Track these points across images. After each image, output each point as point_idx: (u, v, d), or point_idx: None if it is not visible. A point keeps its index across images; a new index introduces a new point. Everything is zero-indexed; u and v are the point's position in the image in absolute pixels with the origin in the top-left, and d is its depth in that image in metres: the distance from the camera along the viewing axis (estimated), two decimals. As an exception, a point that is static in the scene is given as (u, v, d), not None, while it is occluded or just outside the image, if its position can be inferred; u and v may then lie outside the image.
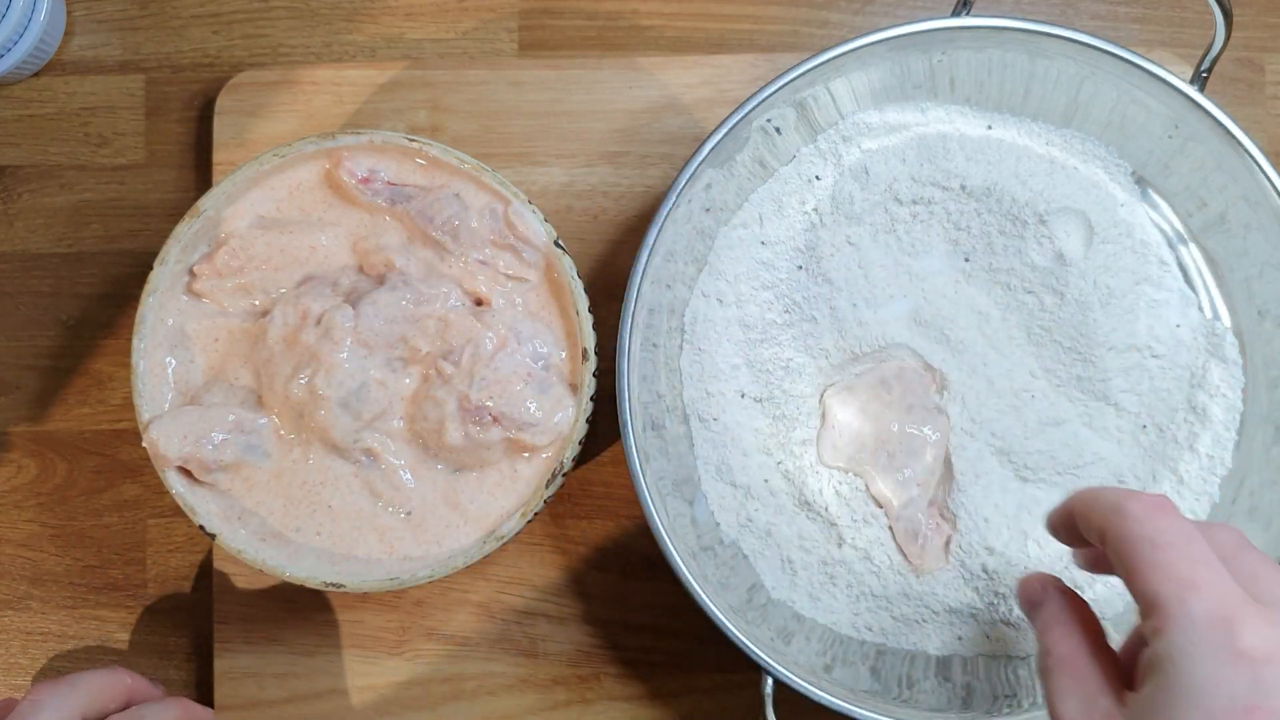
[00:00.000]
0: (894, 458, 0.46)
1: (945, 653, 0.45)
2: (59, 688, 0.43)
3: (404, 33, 0.53)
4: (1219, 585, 0.28)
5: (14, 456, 0.52)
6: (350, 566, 0.45)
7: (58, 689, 0.42)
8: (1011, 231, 0.46)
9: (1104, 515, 0.31)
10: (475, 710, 0.50)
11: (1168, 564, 0.29)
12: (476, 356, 0.44)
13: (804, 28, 0.53)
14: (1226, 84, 0.52)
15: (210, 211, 0.44)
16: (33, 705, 0.42)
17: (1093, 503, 0.32)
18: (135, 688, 0.46)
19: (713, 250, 0.46)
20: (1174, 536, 0.29)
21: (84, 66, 0.53)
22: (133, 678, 0.46)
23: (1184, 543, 0.29)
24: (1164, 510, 0.30)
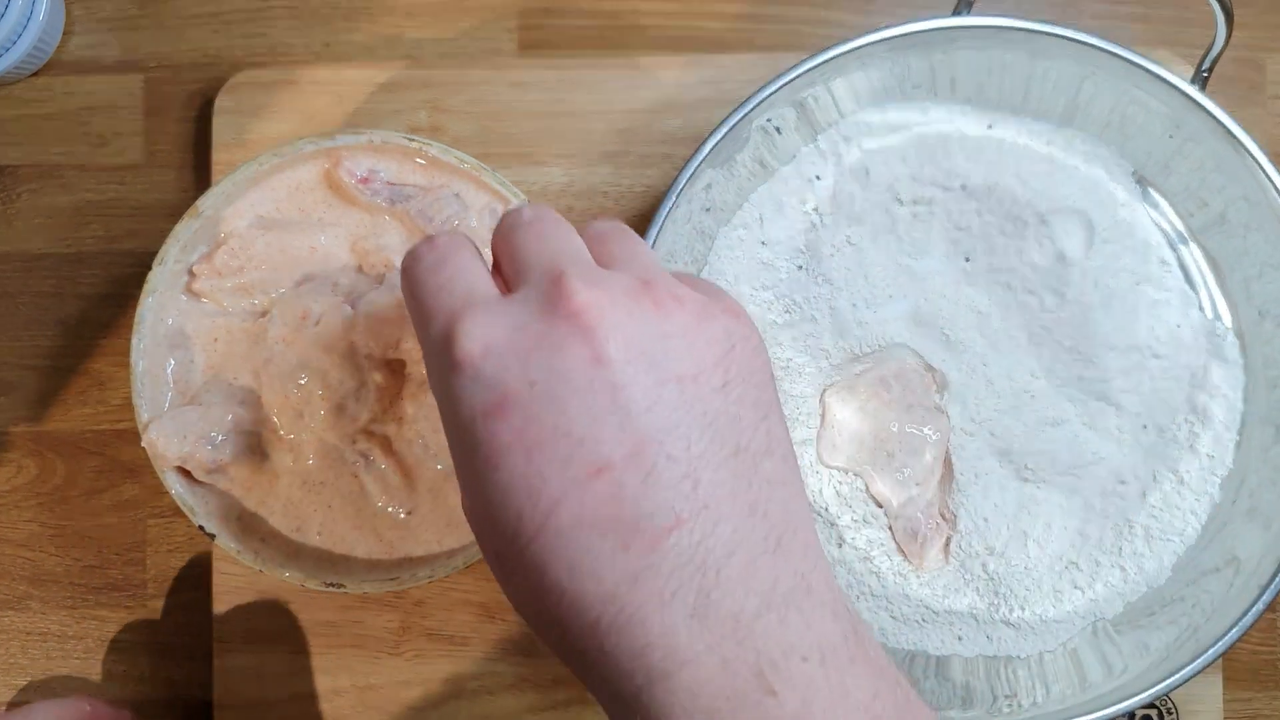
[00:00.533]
0: (894, 457, 0.46)
1: (945, 652, 0.45)
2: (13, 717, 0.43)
3: (404, 32, 0.53)
4: (450, 303, 0.27)
5: (14, 456, 0.52)
6: (350, 567, 0.45)
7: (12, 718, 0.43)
8: (1012, 231, 0.46)
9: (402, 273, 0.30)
10: (475, 710, 0.50)
11: (418, 302, 0.28)
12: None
13: (804, 27, 0.53)
14: (1227, 84, 0.52)
15: (210, 211, 0.44)
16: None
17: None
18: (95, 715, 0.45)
19: (713, 250, 0.46)
20: (426, 272, 0.28)
21: (83, 66, 0.53)
22: (92, 704, 0.46)
23: (432, 274, 0.28)
24: (426, 249, 0.29)
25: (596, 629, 0.25)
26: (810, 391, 0.46)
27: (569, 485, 0.25)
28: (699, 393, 0.26)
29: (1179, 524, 0.45)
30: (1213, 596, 0.43)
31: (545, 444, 0.25)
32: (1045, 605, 0.45)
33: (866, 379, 0.46)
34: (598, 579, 0.25)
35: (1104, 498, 0.46)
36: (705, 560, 0.25)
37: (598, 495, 0.25)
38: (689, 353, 0.26)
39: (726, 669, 0.24)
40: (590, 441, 0.25)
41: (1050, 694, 0.44)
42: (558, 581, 0.25)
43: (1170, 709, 0.49)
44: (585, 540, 0.25)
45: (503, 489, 0.25)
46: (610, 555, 0.25)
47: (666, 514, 0.25)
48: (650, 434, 0.25)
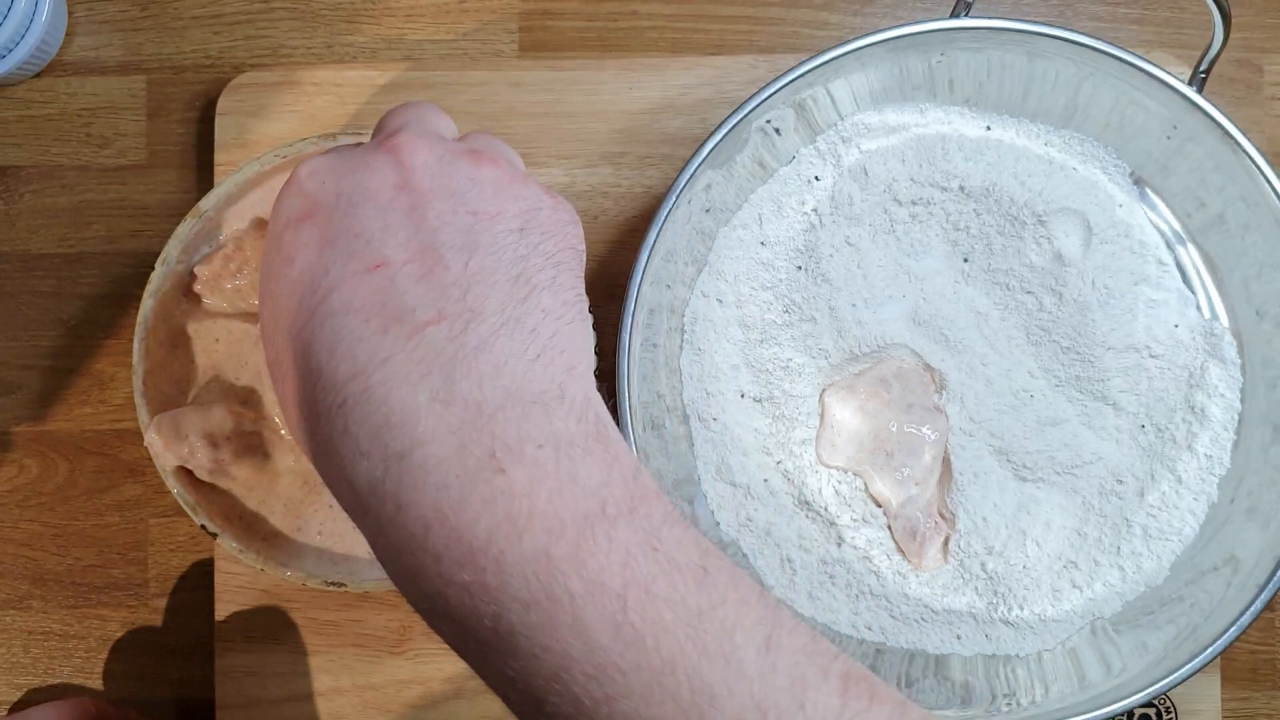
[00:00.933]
0: (893, 457, 0.46)
1: (944, 652, 0.45)
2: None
3: (404, 34, 0.53)
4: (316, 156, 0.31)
5: (15, 456, 0.52)
6: (351, 566, 0.45)
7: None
8: (1010, 232, 0.46)
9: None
10: (476, 709, 0.50)
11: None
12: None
13: (803, 29, 0.53)
14: (1225, 85, 0.52)
15: (211, 212, 0.44)
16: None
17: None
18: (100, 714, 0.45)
19: (712, 251, 0.46)
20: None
21: (85, 67, 0.53)
22: (96, 705, 0.46)
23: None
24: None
25: (343, 409, 0.26)
26: (809, 391, 0.46)
27: (346, 275, 0.28)
28: (493, 228, 0.29)
29: (1177, 523, 0.45)
30: (1211, 596, 0.43)
31: (336, 241, 0.28)
32: (1044, 604, 0.45)
33: (866, 379, 0.46)
34: (352, 358, 0.27)
35: (1102, 497, 0.46)
36: (456, 353, 0.27)
37: (370, 286, 0.27)
38: (494, 198, 0.29)
39: (462, 450, 0.26)
40: (376, 243, 0.28)
41: (1049, 693, 0.44)
42: (318, 363, 0.27)
43: (1169, 708, 0.49)
44: (348, 323, 0.27)
45: (292, 281, 0.28)
46: (368, 338, 0.27)
47: (429, 310, 0.27)
48: (433, 246, 0.28)
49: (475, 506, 0.25)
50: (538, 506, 0.25)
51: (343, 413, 0.26)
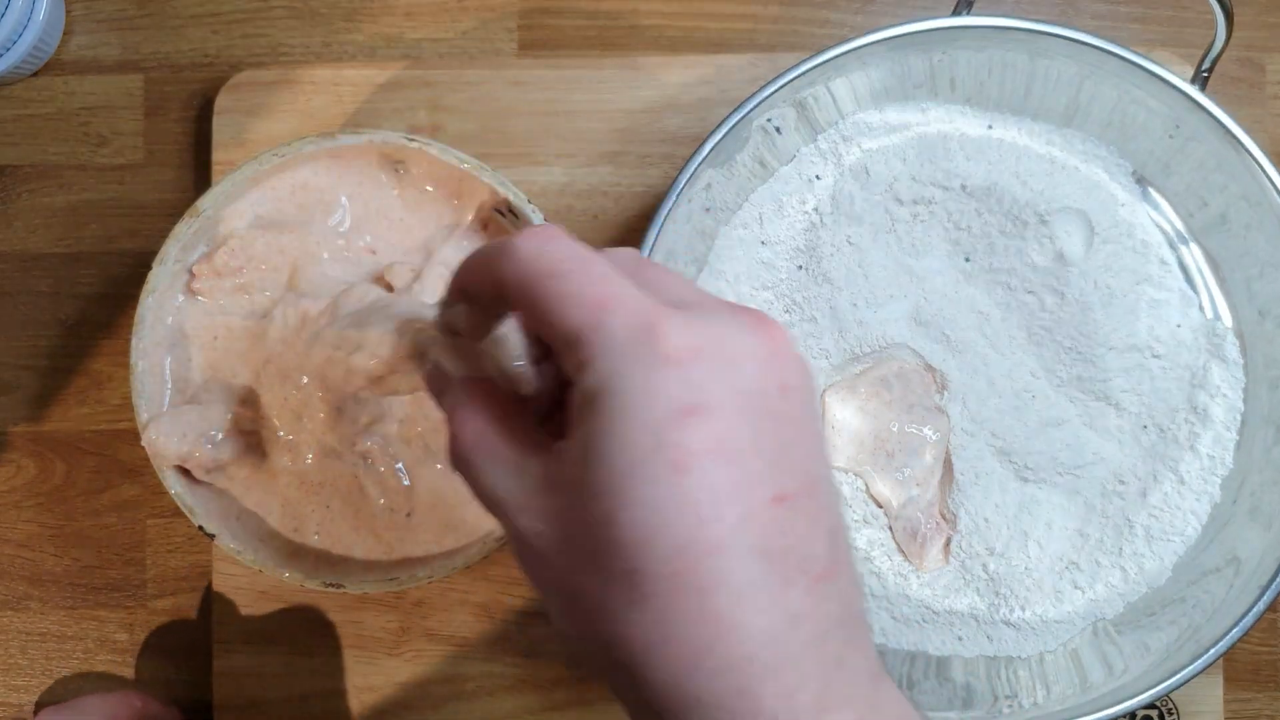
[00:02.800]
0: (894, 457, 0.46)
1: (945, 653, 0.45)
2: (62, 714, 0.42)
3: (403, 32, 0.53)
4: (632, 298, 0.25)
5: (13, 457, 0.52)
6: (349, 567, 0.45)
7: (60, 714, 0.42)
8: (1012, 231, 0.46)
9: (494, 265, 0.27)
10: (475, 711, 0.50)
11: (574, 291, 0.26)
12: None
13: (804, 27, 0.53)
14: (1227, 84, 0.52)
15: (209, 211, 0.44)
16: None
17: (479, 258, 0.28)
18: (146, 710, 0.45)
19: (713, 250, 0.46)
20: (573, 262, 0.26)
21: (83, 66, 0.53)
22: (143, 700, 0.45)
23: (585, 265, 0.26)
24: (553, 238, 0.27)
25: (749, 665, 0.24)
26: (810, 391, 0.46)
27: (756, 507, 0.24)
28: (811, 438, 0.26)
29: (1179, 524, 0.45)
30: (1213, 596, 0.43)
31: (743, 458, 0.24)
32: (1046, 605, 0.45)
33: (867, 379, 0.46)
34: (762, 612, 0.24)
35: (1104, 498, 0.46)
36: (843, 614, 0.25)
37: (774, 523, 0.24)
38: (804, 401, 0.26)
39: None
40: (779, 467, 0.24)
41: (1051, 694, 0.44)
42: (717, 608, 0.23)
43: (1171, 709, 0.49)
44: (758, 569, 0.24)
45: (682, 497, 0.24)
46: (779, 590, 0.24)
47: (821, 559, 0.24)
48: (817, 474, 0.25)
49: None
50: None
51: (745, 671, 0.24)
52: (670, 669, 0.24)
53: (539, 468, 0.26)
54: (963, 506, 0.45)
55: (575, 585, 0.25)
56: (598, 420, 0.25)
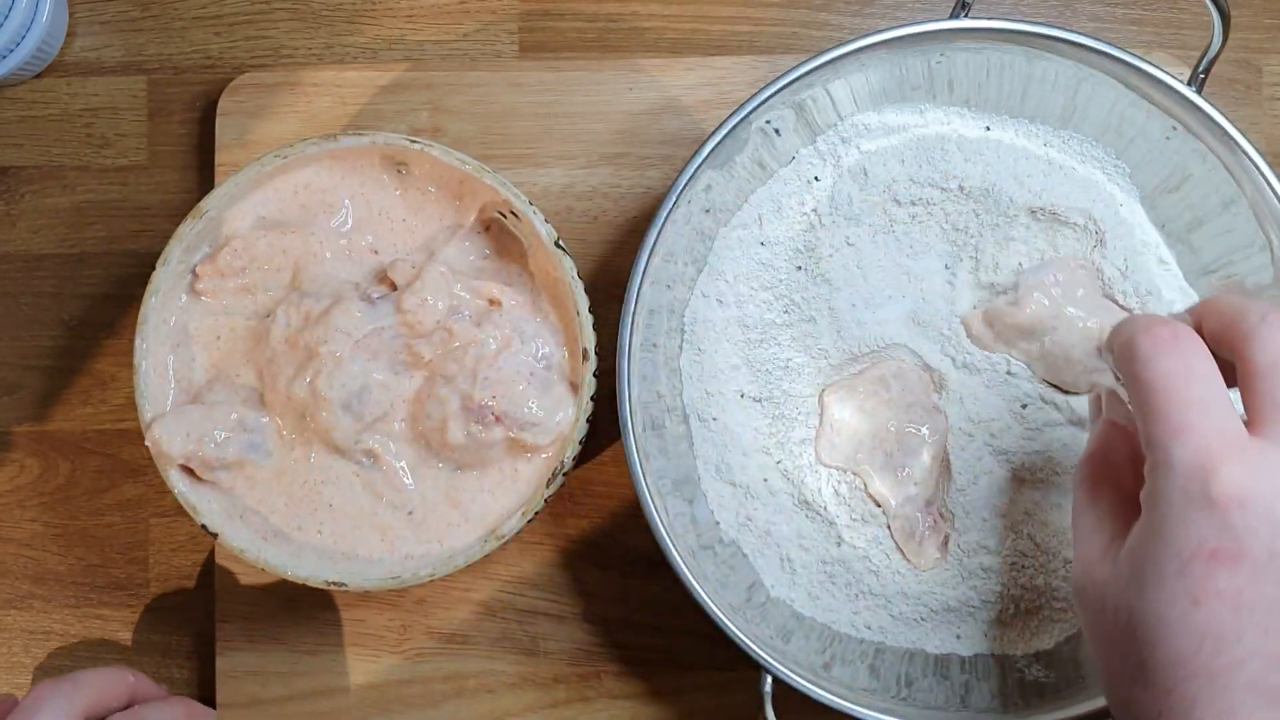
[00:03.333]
0: (892, 457, 0.46)
1: (943, 651, 0.45)
2: (61, 686, 0.43)
3: (405, 35, 0.53)
4: (1206, 430, 0.28)
5: (17, 456, 0.53)
6: (352, 565, 0.45)
7: (60, 687, 0.43)
8: (1010, 232, 0.46)
9: (1120, 354, 0.31)
10: (476, 708, 0.50)
11: (1162, 409, 0.29)
12: (480, 356, 0.44)
13: (803, 30, 0.53)
14: (1224, 85, 0.52)
15: (212, 212, 0.45)
16: (34, 702, 0.42)
17: (1114, 339, 0.32)
18: (138, 686, 0.46)
19: (712, 251, 0.46)
20: (1173, 379, 0.29)
21: (86, 68, 0.53)
22: (135, 676, 0.46)
23: (1182, 385, 0.29)
24: (1169, 349, 0.30)
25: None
26: (809, 391, 0.47)
27: (1260, 650, 0.27)
28: None
29: (1176, 523, 0.45)
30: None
31: (1259, 610, 0.27)
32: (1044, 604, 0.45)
33: (865, 379, 0.47)
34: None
35: (1101, 497, 0.46)
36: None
37: (1274, 669, 0.27)
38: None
39: None
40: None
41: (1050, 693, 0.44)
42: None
43: (1168, 707, 0.49)
44: (1248, 702, 0.27)
45: (1189, 625, 0.27)
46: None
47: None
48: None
49: None
50: None
51: None
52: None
53: (1111, 529, 0.31)
54: (960, 505, 0.45)
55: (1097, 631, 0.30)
56: (1144, 532, 0.29)
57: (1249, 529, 0.27)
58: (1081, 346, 0.44)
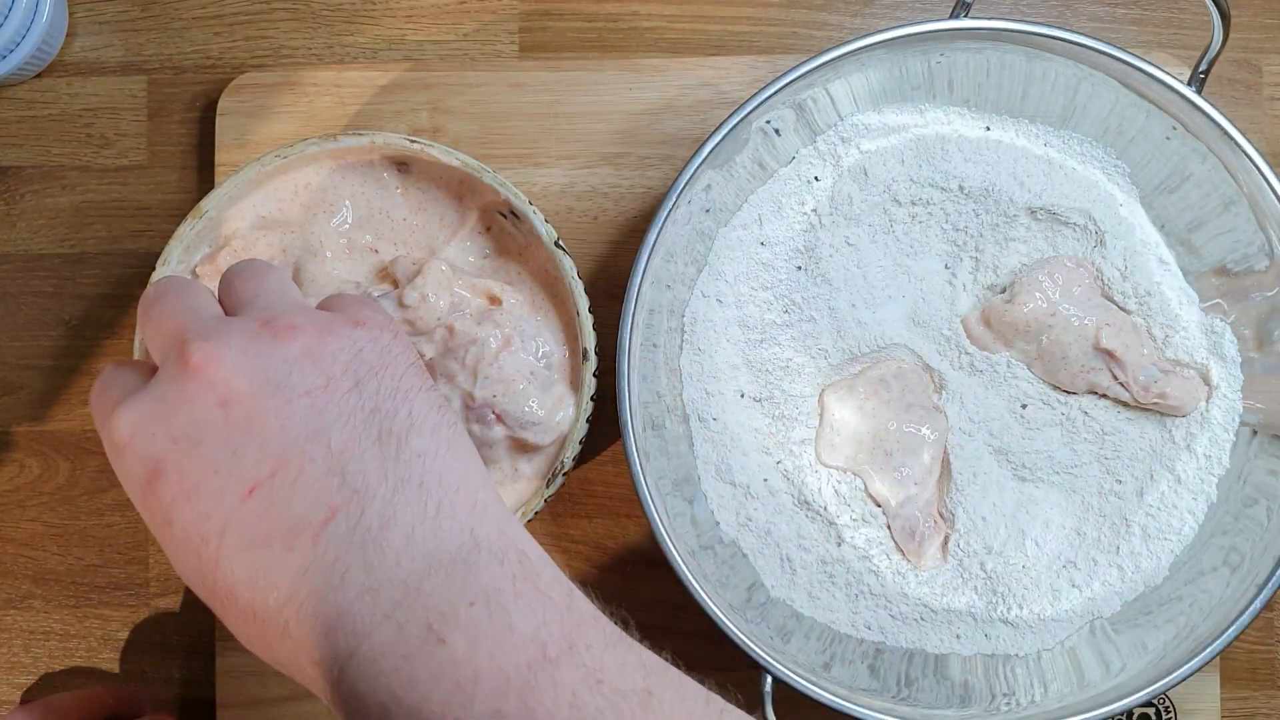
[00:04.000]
0: (892, 456, 0.46)
1: (943, 651, 0.45)
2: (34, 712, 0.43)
3: (405, 35, 0.53)
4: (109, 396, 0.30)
5: (17, 456, 0.53)
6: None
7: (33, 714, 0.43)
8: (1010, 232, 0.46)
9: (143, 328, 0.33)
10: (476, 709, 0.50)
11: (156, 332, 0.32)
12: (481, 355, 0.44)
13: (803, 30, 0.53)
14: (1224, 85, 0.52)
15: (212, 212, 0.45)
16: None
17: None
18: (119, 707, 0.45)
19: (712, 251, 0.46)
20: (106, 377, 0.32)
21: (86, 68, 0.53)
22: (116, 697, 0.46)
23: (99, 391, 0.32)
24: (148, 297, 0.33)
25: (288, 633, 0.27)
26: (809, 391, 0.47)
27: (228, 513, 0.27)
28: (331, 398, 0.29)
29: (1176, 523, 0.45)
30: (1210, 595, 0.43)
31: (200, 485, 0.28)
32: (1043, 604, 0.45)
33: (865, 379, 0.47)
34: (275, 586, 0.27)
35: (1101, 497, 0.46)
36: (365, 539, 0.27)
37: (254, 512, 0.27)
38: (315, 368, 0.29)
39: (401, 631, 0.26)
40: (236, 470, 0.28)
41: (1048, 692, 0.44)
42: (248, 602, 0.27)
43: (1168, 707, 0.49)
44: (254, 556, 0.27)
45: (180, 539, 0.28)
46: (277, 561, 0.27)
47: (319, 509, 0.27)
48: (288, 447, 0.28)
49: (425, 682, 0.26)
50: (481, 667, 0.26)
51: (288, 634, 0.27)
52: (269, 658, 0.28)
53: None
54: (960, 505, 0.45)
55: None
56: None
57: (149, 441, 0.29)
58: (1078, 345, 0.44)
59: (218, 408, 0.28)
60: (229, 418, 0.28)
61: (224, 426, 0.28)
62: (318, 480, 0.28)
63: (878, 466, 0.46)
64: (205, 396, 0.28)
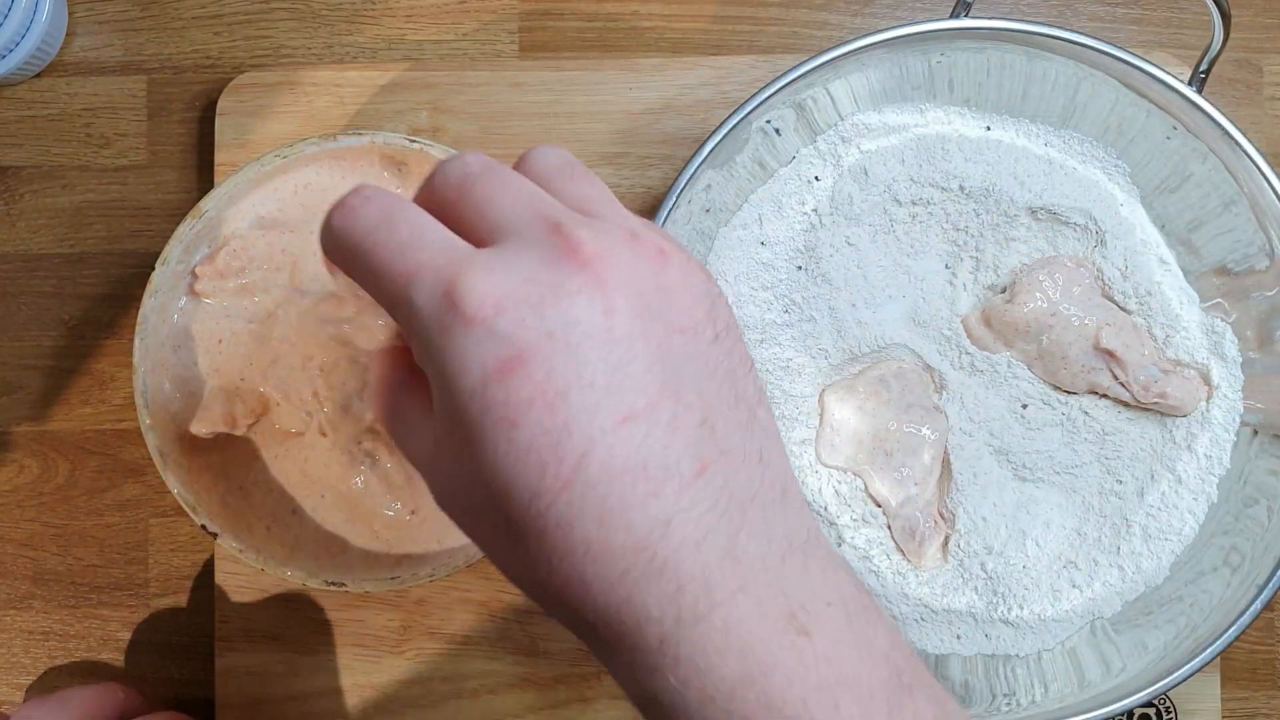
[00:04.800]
0: (892, 457, 0.46)
1: (943, 651, 0.45)
2: (49, 704, 0.42)
3: (405, 34, 0.53)
4: (433, 258, 0.25)
5: (16, 456, 0.53)
6: (351, 565, 0.45)
7: (47, 705, 0.42)
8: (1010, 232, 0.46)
9: (328, 250, 0.28)
10: (476, 708, 0.50)
11: (382, 265, 0.26)
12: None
13: (803, 29, 0.53)
14: (1225, 85, 0.52)
15: (212, 212, 0.45)
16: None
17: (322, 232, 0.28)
18: (128, 703, 0.45)
19: (712, 251, 0.46)
20: (377, 232, 0.26)
21: (86, 67, 0.53)
22: (125, 692, 0.45)
23: (387, 233, 0.26)
24: (358, 208, 0.27)
25: (625, 580, 0.24)
26: (809, 391, 0.47)
27: (597, 434, 0.24)
28: (699, 345, 0.26)
29: (1177, 523, 0.45)
30: (1211, 596, 0.43)
31: (570, 394, 0.24)
32: (1044, 604, 0.45)
33: (865, 379, 0.47)
34: (629, 528, 0.24)
35: (1102, 497, 0.46)
36: (729, 505, 0.25)
37: (627, 442, 0.24)
38: (683, 307, 0.26)
39: (760, 609, 0.24)
40: (614, 390, 0.24)
41: (1049, 693, 0.44)
42: (585, 536, 0.24)
43: (1168, 708, 0.49)
44: (616, 489, 0.24)
45: (524, 447, 0.24)
46: (640, 503, 0.24)
47: (692, 459, 0.25)
48: (667, 383, 0.25)
49: (785, 671, 0.24)
50: (846, 673, 0.24)
51: (624, 585, 0.24)
52: (566, 598, 0.25)
53: (429, 425, 0.27)
54: (961, 505, 0.45)
55: (476, 536, 0.27)
56: (434, 390, 0.26)
57: (518, 324, 0.24)
58: (1078, 345, 0.44)
59: (602, 314, 0.24)
60: (612, 330, 0.24)
61: (605, 338, 0.24)
62: (692, 429, 0.25)
63: (878, 467, 0.46)
64: (591, 297, 0.24)
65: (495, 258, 0.25)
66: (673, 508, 0.24)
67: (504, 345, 0.24)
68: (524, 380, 0.24)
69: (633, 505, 0.24)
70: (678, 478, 0.24)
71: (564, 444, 0.24)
